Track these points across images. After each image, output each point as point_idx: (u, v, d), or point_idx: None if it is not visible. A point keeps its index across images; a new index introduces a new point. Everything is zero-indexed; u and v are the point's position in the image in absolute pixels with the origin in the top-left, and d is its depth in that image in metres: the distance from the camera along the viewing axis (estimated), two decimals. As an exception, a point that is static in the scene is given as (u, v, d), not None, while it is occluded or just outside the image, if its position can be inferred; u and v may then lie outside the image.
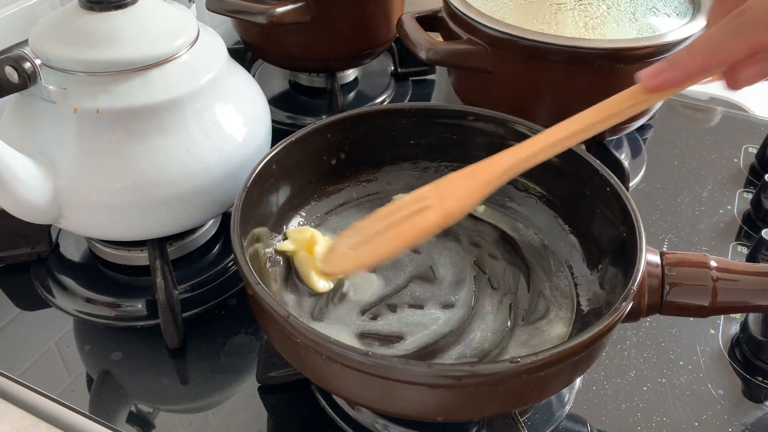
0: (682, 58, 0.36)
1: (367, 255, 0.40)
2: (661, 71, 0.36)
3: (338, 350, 0.35)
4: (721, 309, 0.42)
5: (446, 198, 0.40)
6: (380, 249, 0.40)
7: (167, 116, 0.49)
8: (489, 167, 0.40)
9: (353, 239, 0.41)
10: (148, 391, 0.49)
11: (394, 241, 0.40)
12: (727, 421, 0.46)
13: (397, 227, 0.40)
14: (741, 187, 0.69)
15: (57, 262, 0.58)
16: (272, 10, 0.64)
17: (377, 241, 0.40)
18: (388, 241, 0.40)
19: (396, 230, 0.40)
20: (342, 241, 0.41)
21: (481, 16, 0.59)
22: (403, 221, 0.40)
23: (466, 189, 0.40)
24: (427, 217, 0.39)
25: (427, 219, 0.39)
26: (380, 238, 0.40)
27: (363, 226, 0.41)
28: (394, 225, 0.40)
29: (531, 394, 0.39)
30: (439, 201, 0.40)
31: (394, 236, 0.39)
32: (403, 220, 0.40)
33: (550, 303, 0.47)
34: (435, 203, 0.40)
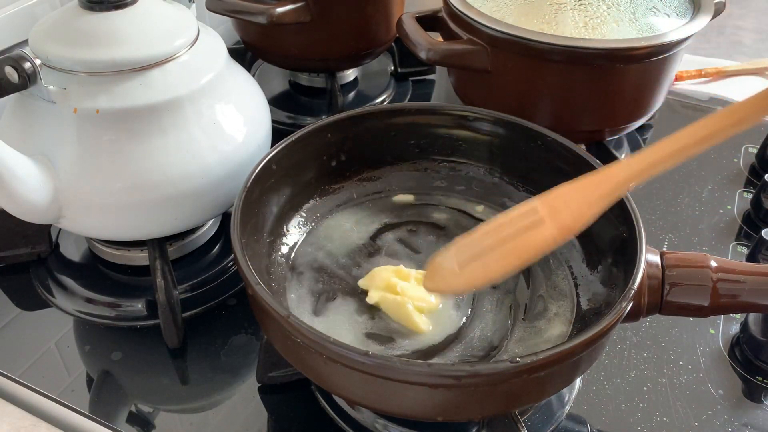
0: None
1: (477, 273, 0.38)
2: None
3: (338, 350, 0.35)
4: (721, 309, 0.42)
5: (561, 211, 0.38)
6: (492, 267, 0.38)
7: (167, 116, 0.49)
8: (607, 178, 0.38)
9: (460, 256, 0.39)
10: (148, 391, 0.49)
11: (507, 259, 0.38)
12: (727, 421, 0.46)
13: (509, 244, 0.38)
14: (741, 187, 0.69)
15: (57, 262, 0.58)
16: (272, 10, 0.64)
17: (488, 258, 0.38)
18: (501, 258, 0.38)
19: (508, 247, 0.38)
20: (447, 257, 0.39)
21: (481, 16, 0.59)
22: (514, 237, 0.38)
23: (582, 202, 0.38)
24: (542, 232, 0.37)
25: (542, 234, 0.37)
26: (491, 256, 0.38)
27: (469, 241, 0.39)
28: (504, 241, 0.38)
29: (531, 394, 0.39)
30: (552, 214, 0.38)
31: (506, 253, 0.38)
32: (515, 236, 0.38)
33: (550, 303, 0.47)
34: (547, 217, 0.38)
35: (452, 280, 0.39)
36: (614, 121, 0.63)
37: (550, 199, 0.38)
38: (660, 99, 0.64)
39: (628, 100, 0.61)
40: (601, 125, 0.63)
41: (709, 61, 0.89)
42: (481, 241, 0.39)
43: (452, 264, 0.39)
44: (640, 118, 0.64)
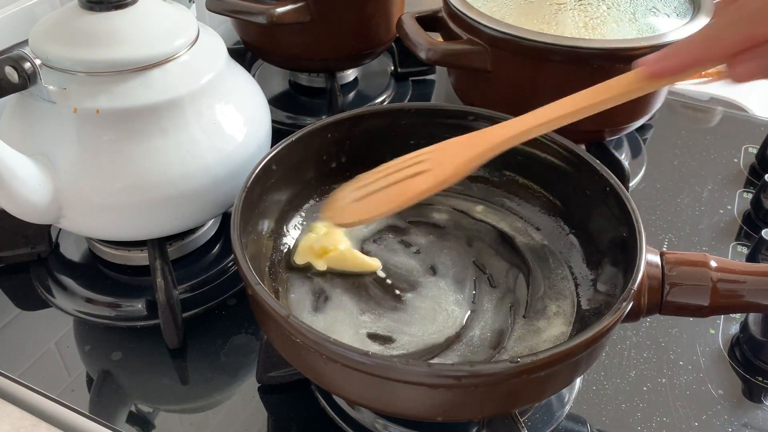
0: (681, 47, 0.36)
1: (366, 210, 0.43)
2: (660, 58, 0.37)
3: (338, 350, 0.35)
4: (721, 309, 0.42)
5: (444, 164, 0.42)
6: (378, 206, 0.42)
7: (167, 116, 0.49)
8: (486, 138, 0.42)
9: (357, 192, 0.43)
10: (148, 391, 0.49)
11: (391, 201, 0.42)
12: (727, 421, 0.46)
13: (396, 186, 0.42)
14: (741, 187, 0.69)
15: (57, 262, 0.58)
16: (272, 10, 0.64)
17: (376, 197, 0.42)
18: (386, 199, 0.42)
19: (394, 189, 0.42)
20: (346, 192, 0.44)
21: (481, 16, 0.59)
22: (401, 181, 0.42)
23: (463, 157, 0.42)
24: (424, 180, 0.42)
25: (423, 182, 0.42)
26: (379, 195, 0.42)
27: (366, 179, 0.44)
28: (393, 184, 0.42)
29: (531, 394, 0.39)
30: (436, 166, 0.42)
31: (392, 195, 0.42)
32: (402, 179, 0.42)
33: (550, 303, 0.47)
34: (433, 168, 0.42)
35: (345, 214, 0.43)
36: (614, 121, 0.63)
37: (438, 152, 0.43)
38: (660, 99, 0.64)
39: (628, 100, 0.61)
40: (601, 125, 0.63)
41: (709, 61, 0.89)
42: (376, 181, 0.43)
43: (349, 199, 0.44)
44: (640, 118, 0.64)
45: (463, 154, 0.42)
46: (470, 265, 0.50)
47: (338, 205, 0.44)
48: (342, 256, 0.50)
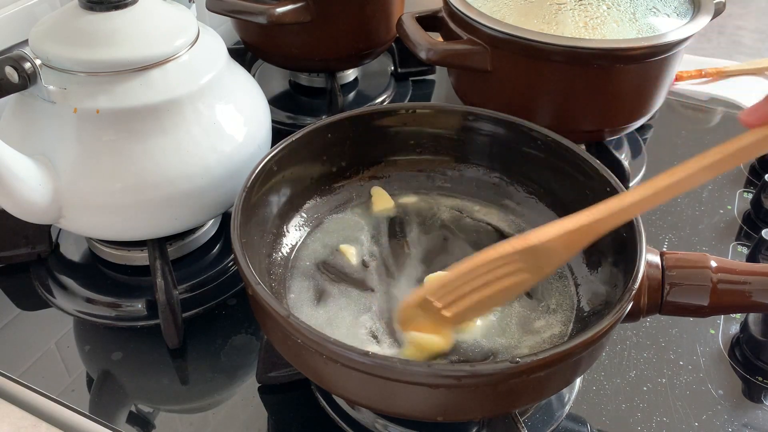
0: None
1: (463, 315, 0.41)
2: (758, 107, 0.35)
3: (338, 350, 0.35)
4: (721, 309, 0.42)
5: (540, 261, 0.39)
6: (476, 309, 0.41)
7: (167, 116, 0.49)
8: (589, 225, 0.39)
9: (441, 298, 0.40)
10: (148, 391, 0.49)
11: (489, 302, 0.41)
12: (727, 421, 0.46)
13: (490, 288, 0.40)
14: (741, 187, 0.69)
15: (57, 262, 0.58)
16: (272, 10, 0.64)
17: (472, 301, 0.40)
18: (484, 302, 0.41)
19: (489, 291, 0.40)
20: (424, 298, 0.41)
21: (481, 16, 0.59)
22: (494, 283, 0.40)
23: (562, 249, 0.39)
24: (522, 279, 0.40)
25: (522, 281, 0.40)
26: (474, 299, 0.40)
27: (447, 284, 0.40)
28: (486, 286, 0.40)
29: (531, 394, 0.39)
30: (532, 264, 0.39)
31: (488, 298, 0.40)
32: (495, 282, 0.40)
33: (550, 302, 0.47)
34: (527, 266, 0.39)
35: (438, 322, 0.41)
36: (614, 121, 0.63)
37: (530, 248, 0.39)
38: (660, 99, 0.64)
39: (628, 100, 0.61)
40: (601, 125, 0.63)
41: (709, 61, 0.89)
42: (462, 285, 0.40)
43: (432, 305, 0.41)
44: (640, 118, 0.64)
45: (561, 245, 0.39)
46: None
47: (427, 314, 0.41)
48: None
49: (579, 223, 0.39)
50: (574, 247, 0.40)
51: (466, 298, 0.40)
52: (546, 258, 0.39)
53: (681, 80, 0.85)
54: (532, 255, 0.39)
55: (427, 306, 0.41)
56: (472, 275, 0.40)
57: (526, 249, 0.39)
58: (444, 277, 0.41)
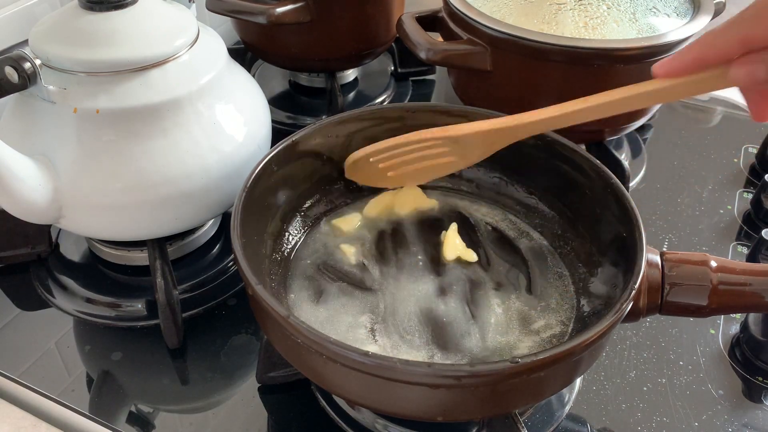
0: (684, 49, 0.38)
1: (397, 178, 0.52)
2: (667, 59, 0.38)
3: (338, 350, 0.35)
4: (721, 309, 0.42)
5: (468, 149, 0.48)
6: (409, 177, 0.52)
7: (167, 116, 0.49)
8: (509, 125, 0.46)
9: (383, 158, 0.50)
10: (148, 391, 0.49)
11: (421, 174, 0.52)
12: (727, 421, 0.46)
13: (425, 162, 0.50)
14: (741, 187, 0.69)
15: (57, 262, 0.58)
16: (272, 10, 0.64)
17: (408, 169, 0.51)
18: (418, 172, 0.51)
19: (423, 165, 0.50)
20: (368, 157, 0.50)
21: (481, 16, 0.59)
22: (428, 159, 0.50)
23: (483, 150, 0.48)
24: (451, 162, 0.50)
25: (450, 163, 0.50)
26: (411, 168, 0.50)
27: (388, 151, 0.50)
28: (421, 159, 0.50)
29: (531, 394, 0.39)
30: (461, 151, 0.48)
31: (422, 170, 0.51)
32: (429, 158, 0.49)
33: (550, 303, 0.47)
34: (458, 152, 0.48)
35: (376, 178, 0.52)
36: (614, 121, 0.63)
37: (462, 136, 0.47)
38: (660, 99, 0.64)
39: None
40: (601, 125, 0.63)
41: (709, 61, 0.89)
42: (402, 153, 0.50)
43: (379, 164, 0.51)
44: (640, 118, 0.64)
45: (487, 139, 0.47)
46: (471, 266, 0.50)
47: (366, 170, 0.51)
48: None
49: (493, 126, 0.46)
50: (492, 145, 0.47)
51: (403, 165, 0.50)
52: (468, 148, 0.48)
53: (681, 80, 0.85)
54: (453, 143, 0.48)
55: (369, 163, 0.51)
56: (404, 148, 0.49)
57: (445, 137, 0.48)
58: (380, 143, 0.50)
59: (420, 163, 0.50)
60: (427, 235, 0.53)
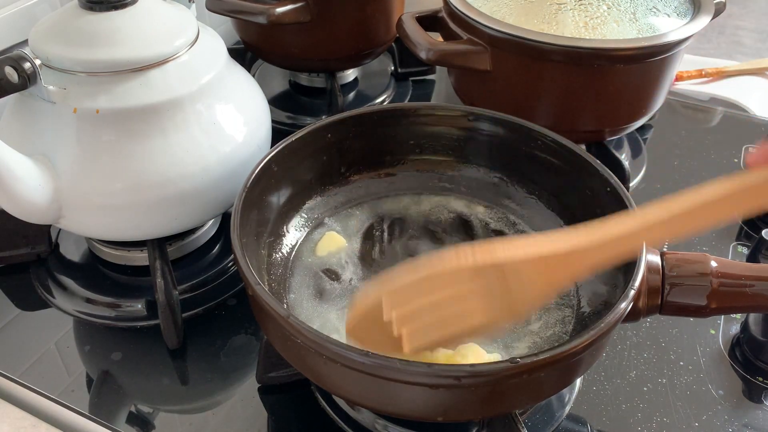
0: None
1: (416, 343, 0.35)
2: (757, 150, 0.31)
3: (338, 350, 0.35)
4: (721, 309, 0.42)
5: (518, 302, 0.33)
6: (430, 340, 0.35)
7: (167, 116, 0.49)
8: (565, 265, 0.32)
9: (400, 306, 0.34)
10: (148, 391, 0.49)
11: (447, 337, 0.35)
12: (727, 421, 0.46)
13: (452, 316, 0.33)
14: (741, 187, 0.68)
15: (57, 262, 0.58)
16: (272, 10, 0.64)
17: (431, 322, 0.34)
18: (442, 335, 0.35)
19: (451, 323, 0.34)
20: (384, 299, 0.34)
21: (481, 16, 0.59)
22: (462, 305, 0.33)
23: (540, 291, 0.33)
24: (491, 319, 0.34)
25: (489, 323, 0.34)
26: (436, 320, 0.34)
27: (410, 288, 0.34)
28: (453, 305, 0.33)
29: (531, 394, 0.39)
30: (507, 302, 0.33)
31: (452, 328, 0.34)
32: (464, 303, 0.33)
33: (550, 303, 0.47)
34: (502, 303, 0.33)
35: (387, 341, 0.35)
36: (614, 121, 0.63)
37: (497, 266, 0.31)
38: (660, 99, 0.64)
39: (628, 100, 0.61)
40: (601, 125, 0.63)
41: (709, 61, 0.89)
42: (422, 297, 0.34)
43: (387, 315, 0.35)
44: (640, 118, 0.64)
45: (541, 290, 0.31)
46: (470, 265, 0.50)
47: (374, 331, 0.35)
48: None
49: (561, 247, 0.30)
50: (555, 279, 0.31)
51: (423, 322, 0.34)
52: (519, 286, 0.31)
53: (681, 80, 0.85)
54: (500, 277, 0.32)
55: (378, 318, 0.35)
56: (428, 289, 0.33)
57: (491, 266, 0.31)
58: (399, 281, 0.34)
59: (447, 323, 0.34)
60: (428, 235, 0.53)
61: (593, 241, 0.31)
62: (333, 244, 0.51)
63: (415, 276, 0.34)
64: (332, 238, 0.51)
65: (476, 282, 0.32)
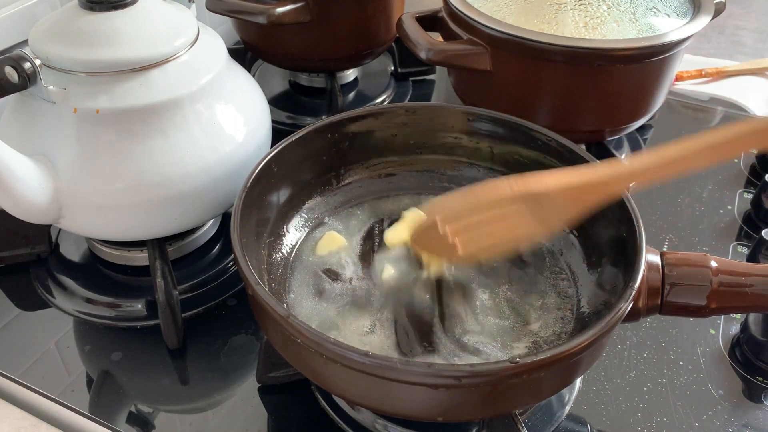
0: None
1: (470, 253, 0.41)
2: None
3: (338, 350, 0.35)
4: (721, 309, 0.42)
5: (550, 219, 0.39)
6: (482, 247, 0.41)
7: (167, 116, 0.49)
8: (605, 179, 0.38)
9: (449, 224, 0.41)
10: (148, 391, 0.49)
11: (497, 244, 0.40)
12: (727, 421, 0.46)
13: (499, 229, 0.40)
14: (741, 187, 0.69)
15: (57, 262, 0.58)
16: (272, 10, 0.64)
17: (479, 241, 0.40)
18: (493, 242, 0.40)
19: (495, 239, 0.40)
20: (447, 220, 0.41)
21: (481, 16, 0.59)
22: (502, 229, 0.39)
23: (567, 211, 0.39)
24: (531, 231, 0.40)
25: (530, 233, 0.40)
26: (482, 234, 0.40)
27: (457, 212, 0.41)
28: (494, 230, 0.40)
29: (531, 394, 0.39)
30: (542, 220, 0.39)
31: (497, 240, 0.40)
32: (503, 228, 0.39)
33: (550, 303, 0.47)
34: (536, 217, 0.39)
35: (444, 250, 0.42)
36: (614, 121, 0.63)
37: (532, 195, 0.38)
38: (660, 99, 0.64)
39: (628, 100, 0.61)
40: (601, 125, 0.63)
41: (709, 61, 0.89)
42: (473, 214, 0.40)
43: (442, 229, 0.41)
44: (640, 118, 0.64)
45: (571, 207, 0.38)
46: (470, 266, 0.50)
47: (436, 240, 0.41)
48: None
49: (584, 179, 0.38)
50: (581, 204, 0.38)
51: (473, 234, 0.40)
52: (551, 209, 0.38)
53: (681, 80, 0.85)
54: (535, 203, 0.38)
55: (440, 236, 0.41)
56: (475, 211, 0.40)
57: (526, 195, 0.38)
58: (450, 204, 0.41)
59: (493, 232, 0.40)
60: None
61: (611, 173, 0.38)
62: (333, 244, 0.51)
63: (462, 201, 0.41)
64: (332, 237, 0.51)
65: (515, 206, 0.39)
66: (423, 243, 0.44)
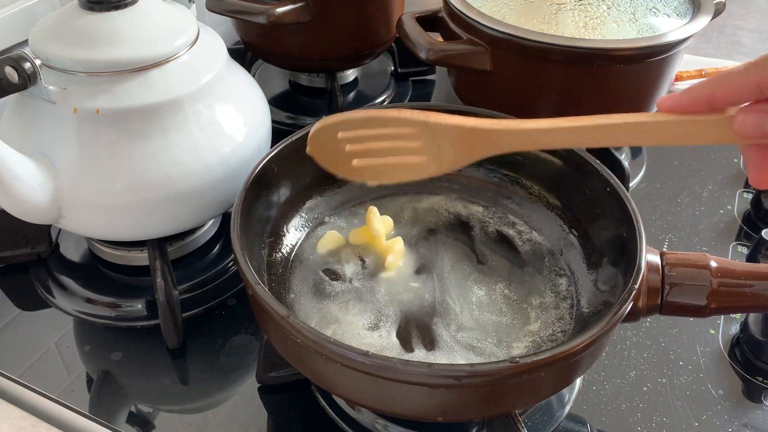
0: (693, 86, 0.35)
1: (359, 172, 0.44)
2: (674, 95, 0.36)
3: (338, 350, 0.35)
4: (721, 309, 0.42)
5: (444, 161, 0.41)
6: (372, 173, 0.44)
7: (167, 116, 0.49)
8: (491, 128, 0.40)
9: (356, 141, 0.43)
10: (148, 391, 0.49)
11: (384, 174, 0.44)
12: (727, 422, 0.46)
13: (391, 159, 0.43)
14: (741, 187, 0.69)
15: (57, 262, 0.58)
16: (272, 10, 0.64)
17: (373, 161, 0.43)
18: (381, 170, 0.43)
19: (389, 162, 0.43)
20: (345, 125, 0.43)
21: (481, 16, 0.59)
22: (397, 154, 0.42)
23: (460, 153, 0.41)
24: (419, 168, 0.42)
25: (417, 169, 0.43)
26: (376, 161, 0.43)
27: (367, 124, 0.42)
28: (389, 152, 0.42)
29: (531, 394, 0.39)
30: (436, 160, 0.42)
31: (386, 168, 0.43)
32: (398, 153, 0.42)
33: (550, 303, 0.47)
34: (429, 157, 0.42)
35: (338, 162, 0.44)
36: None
37: (439, 127, 0.40)
38: (660, 99, 0.64)
39: (628, 100, 0.61)
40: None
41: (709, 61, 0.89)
42: (373, 137, 0.42)
43: (340, 150, 0.43)
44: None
45: (460, 148, 0.40)
46: (470, 266, 0.50)
47: (331, 148, 0.43)
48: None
49: (477, 125, 0.40)
50: (471, 150, 0.40)
51: (371, 154, 0.43)
52: (443, 148, 0.41)
53: (681, 80, 0.85)
54: (429, 136, 0.41)
55: (336, 141, 0.43)
56: (377, 130, 0.42)
57: (422, 123, 0.40)
58: (352, 113, 0.43)
59: (388, 158, 0.43)
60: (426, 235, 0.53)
61: (505, 127, 0.39)
62: (333, 243, 0.51)
63: (363, 113, 0.42)
64: (333, 236, 0.51)
65: (411, 133, 0.41)
66: (319, 149, 0.45)
